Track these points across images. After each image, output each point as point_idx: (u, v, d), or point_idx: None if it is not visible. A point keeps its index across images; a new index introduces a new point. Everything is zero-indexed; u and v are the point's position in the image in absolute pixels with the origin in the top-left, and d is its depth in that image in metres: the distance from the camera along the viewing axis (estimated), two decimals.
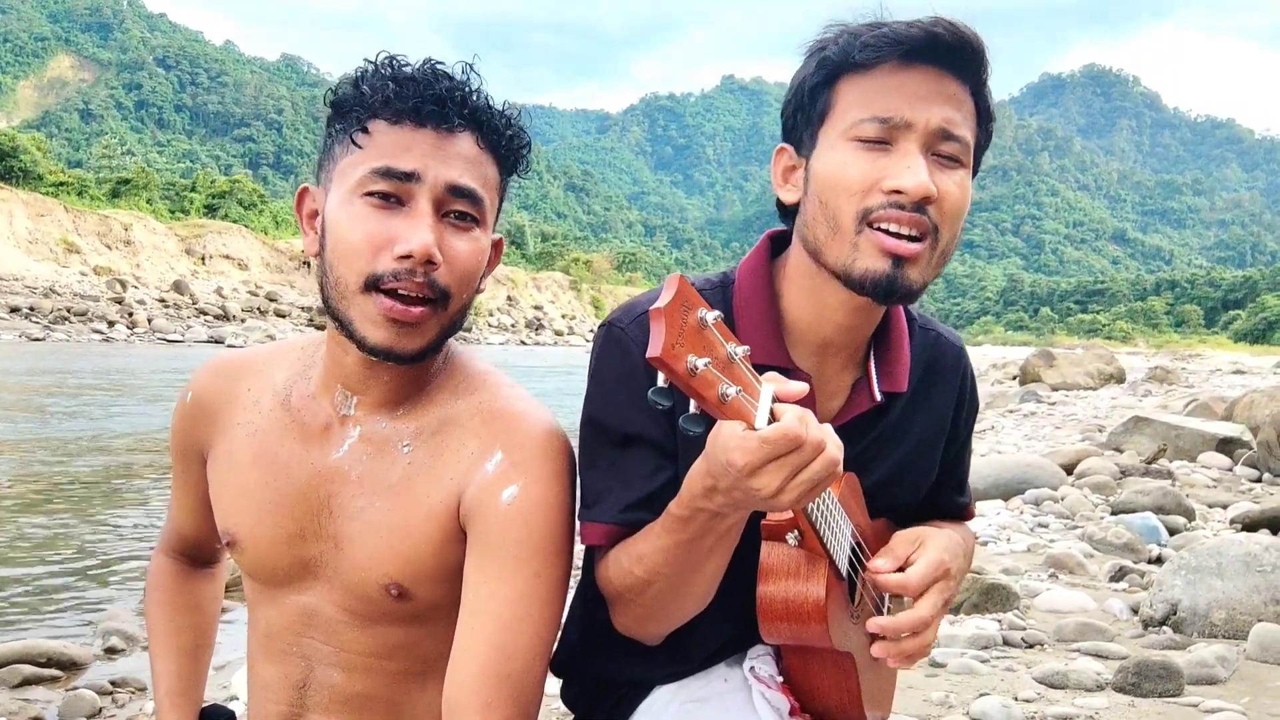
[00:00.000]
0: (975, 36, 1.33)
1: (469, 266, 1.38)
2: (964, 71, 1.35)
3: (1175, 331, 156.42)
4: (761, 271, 1.46)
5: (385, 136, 1.34)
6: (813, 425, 1.09)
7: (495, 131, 1.40)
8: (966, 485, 1.71)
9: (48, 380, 19.68)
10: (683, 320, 1.00)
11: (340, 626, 1.48)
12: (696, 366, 1.00)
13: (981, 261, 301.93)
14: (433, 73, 1.36)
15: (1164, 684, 3.40)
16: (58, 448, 10.72)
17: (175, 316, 49.67)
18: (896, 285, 1.32)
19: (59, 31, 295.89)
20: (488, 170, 1.40)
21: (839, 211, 1.33)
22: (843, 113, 1.34)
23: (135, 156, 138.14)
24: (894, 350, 1.49)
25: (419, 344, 1.36)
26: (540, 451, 1.41)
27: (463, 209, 1.36)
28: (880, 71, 1.32)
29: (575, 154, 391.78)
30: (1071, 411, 16.42)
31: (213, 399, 1.57)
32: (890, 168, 1.31)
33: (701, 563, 1.29)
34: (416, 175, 1.33)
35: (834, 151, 1.34)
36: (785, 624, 1.32)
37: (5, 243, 52.67)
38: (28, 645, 4.11)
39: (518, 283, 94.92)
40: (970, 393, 1.63)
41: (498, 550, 1.38)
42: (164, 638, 1.70)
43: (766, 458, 1.08)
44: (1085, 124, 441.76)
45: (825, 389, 1.47)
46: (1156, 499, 6.50)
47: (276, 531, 1.48)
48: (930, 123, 1.32)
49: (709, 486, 1.16)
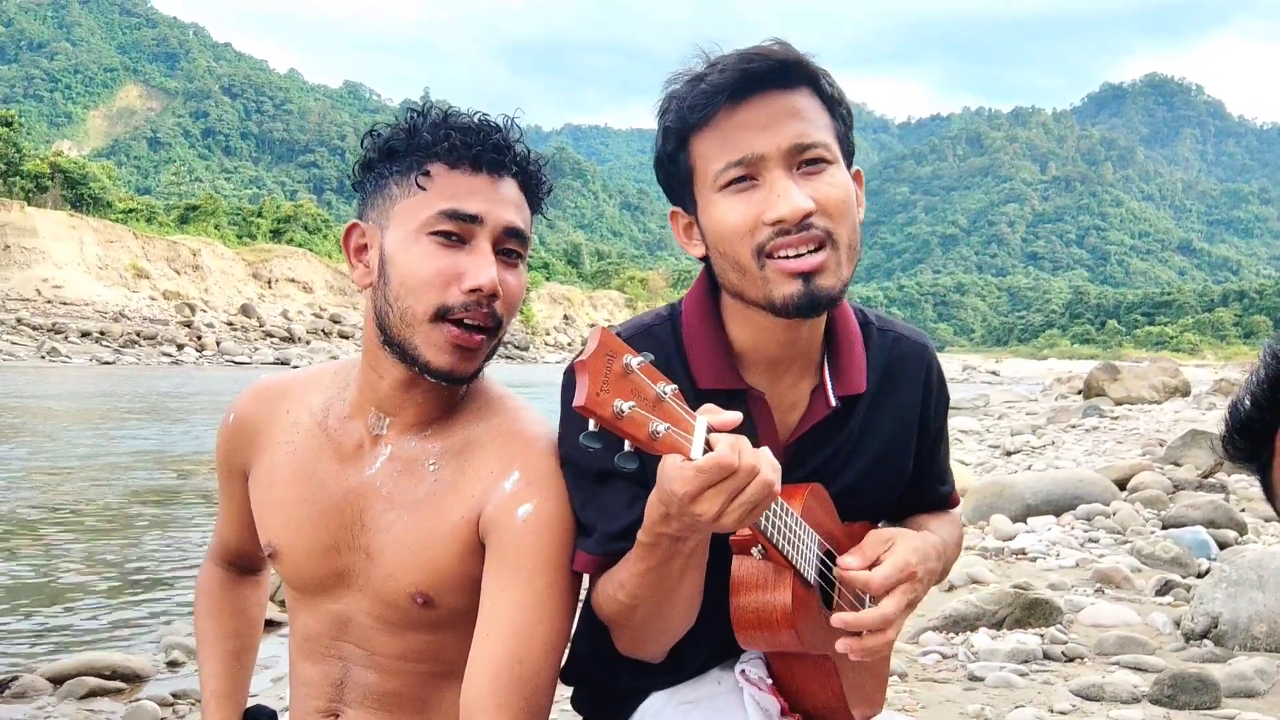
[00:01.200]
0: (783, 50, 1.40)
1: (518, 297, 1.53)
2: (792, 82, 1.41)
3: (1244, 343, 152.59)
4: (705, 302, 1.54)
5: (446, 180, 1.48)
6: (746, 452, 1.18)
7: (533, 178, 1.55)
8: (947, 474, 1.76)
9: (117, 402, 20.19)
10: (606, 368, 1.11)
11: (371, 632, 1.59)
12: (623, 410, 1.11)
13: (1046, 274, 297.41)
14: (487, 124, 1.52)
15: (1200, 696, 3.40)
16: (125, 467, 11.04)
17: (242, 339, 50.76)
18: (816, 298, 1.39)
19: (127, 62, 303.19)
20: (526, 212, 1.55)
21: (738, 255, 1.40)
22: (704, 170, 1.42)
23: (203, 183, 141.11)
24: (845, 354, 1.55)
25: (475, 366, 1.52)
26: (554, 471, 1.53)
27: (513, 247, 1.52)
28: (719, 120, 1.39)
29: (630, 173, 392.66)
30: (1134, 426, 16.16)
31: (254, 420, 1.69)
32: (764, 202, 1.38)
33: (676, 583, 1.39)
34: (480, 218, 1.47)
35: (712, 206, 1.42)
36: (759, 632, 1.41)
37: (76, 269, 54.13)
38: (93, 658, 4.29)
39: (574, 302, 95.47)
40: (938, 386, 1.68)
41: (513, 563, 1.49)
42: (211, 642, 1.82)
43: (703, 485, 1.18)
44: (1148, 133, 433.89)
45: (783, 403, 1.54)
46: (1207, 513, 6.42)
47: (313, 544, 1.59)
48: (781, 146, 1.38)
49: (663, 514, 1.26)
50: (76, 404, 20.07)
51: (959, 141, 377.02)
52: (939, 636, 4.33)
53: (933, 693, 3.71)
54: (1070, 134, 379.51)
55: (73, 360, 37.73)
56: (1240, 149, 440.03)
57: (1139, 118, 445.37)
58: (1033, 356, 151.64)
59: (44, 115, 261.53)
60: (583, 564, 1.50)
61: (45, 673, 4.17)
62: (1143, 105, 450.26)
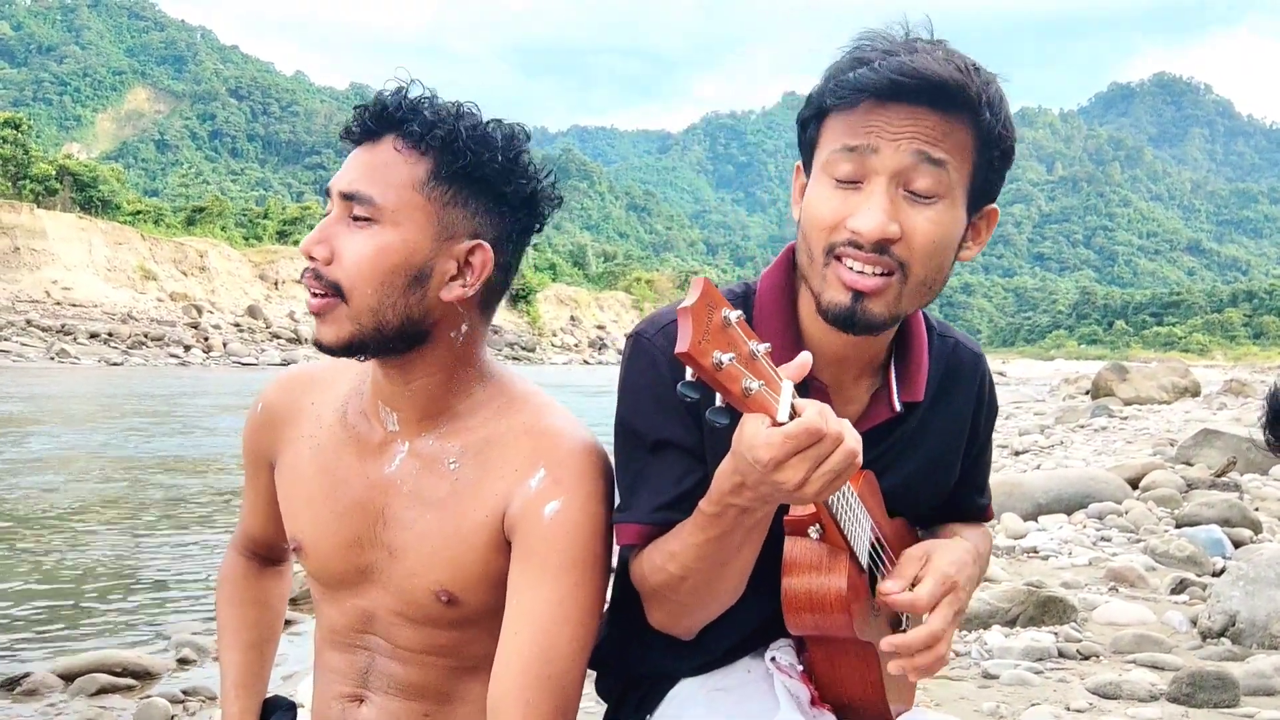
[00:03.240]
0: (945, 70, 1.32)
1: (354, 262, 1.47)
2: (944, 106, 1.33)
3: (1254, 343, 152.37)
4: (783, 283, 1.51)
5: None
6: (832, 419, 1.15)
7: (424, 129, 1.50)
8: (986, 487, 1.74)
9: (125, 403, 20.24)
10: (708, 318, 1.07)
11: (395, 627, 1.58)
12: (722, 361, 1.07)
13: (1053, 275, 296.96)
14: (380, 97, 1.50)
15: (1219, 694, 3.37)
16: (135, 466, 11.05)
17: (249, 340, 50.81)
18: (856, 318, 1.36)
19: (135, 65, 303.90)
20: (389, 170, 1.49)
21: (813, 243, 1.39)
22: (824, 145, 1.39)
23: (210, 185, 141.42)
24: (915, 361, 1.54)
25: (329, 333, 1.51)
26: (581, 469, 1.50)
27: (357, 213, 1.48)
28: (856, 111, 1.35)
29: (637, 174, 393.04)
30: (1143, 426, 16.10)
31: (280, 410, 1.68)
32: (855, 206, 1.34)
33: (732, 557, 1.35)
34: (329, 191, 1.51)
35: (815, 184, 1.40)
36: (810, 615, 1.38)
37: (85, 270, 54.28)
38: (104, 655, 4.28)
39: (581, 303, 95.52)
40: (989, 397, 1.67)
41: (540, 561, 1.47)
42: (232, 631, 1.81)
43: (790, 451, 1.14)
44: (1156, 133, 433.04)
45: (842, 397, 1.51)
46: (1222, 512, 6.39)
47: (337, 539, 1.58)
48: (893, 163, 1.33)
49: (737, 483, 1.22)
50: (86, 405, 20.11)
51: None
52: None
53: (947, 690, 3.69)
54: (1077, 134, 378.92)
55: (81, 361, 37.80)
56: (1249, 148, 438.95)
57: (1147, 117, 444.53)
58: (1040, 357, 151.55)
59: (53, 118, 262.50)
60: (629, 535, 1.47)
61: (56, 669, 4.16)
62: (1151, 105, 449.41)
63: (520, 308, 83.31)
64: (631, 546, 1.49)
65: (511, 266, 1.55)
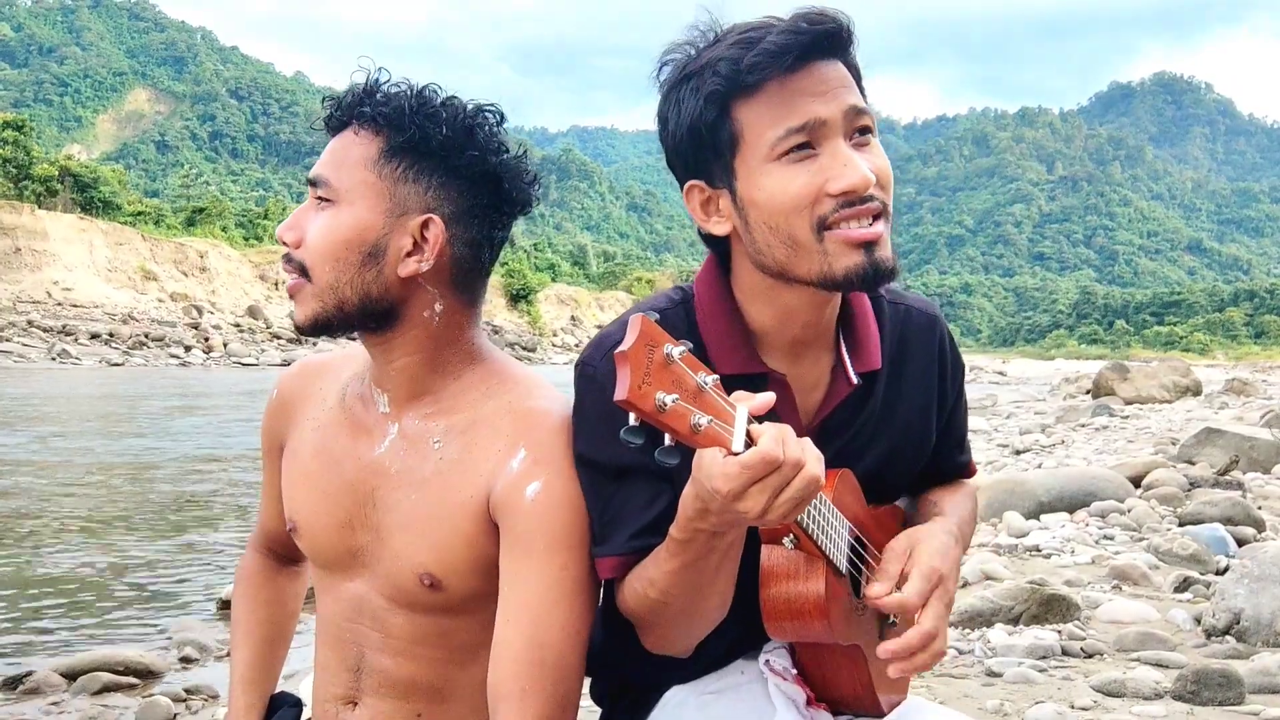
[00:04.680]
0: (836, 13, 1.34)
1: (318, 242, 1.51)
2: (840, 49, 1.36)
3: (1255, 343, 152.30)
4: (718, 286, 1.48)
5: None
6: (790, 444, 1.13)
7: (381, 116, 1.51)
8: (965, 442, 1.72)
9: (126, 404, 20.24)
10: (648, 358, 1.04)
11: (384, 614, 1.57)
12: (665, 403, 1.04)
13: (1053, 274, 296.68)
14: (354, 89, 1.53)
15: (1224, 692, 3.36)
16: (137, 467, 11.05)
17: (250, 340, 50.82)
18: (880, 269, 1.34)
19: (136, 66, 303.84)
20: (360, 149, 1.51)
21: (794, 230, 1.34)
22: (755, 139, 1.34)
23: (210, 186, 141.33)
24: (861, 329, 1.51)
25: (302, 315, 1.54)
26: (562, 447, 1.47)
27: (319, 194, 1.55)
28: (772, 86, 1.32)
29: (637, 174, 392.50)
30: (1145, 425, 16.07)
31: (292, 396, 1.70)
32: (826, 171, 1.32)
33: (711, 577, 1.33)
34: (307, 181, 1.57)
35: (763, 177, 1.34)
36: (789, 623, 1.37)
37: (86, 271, 54.29)
38: (107, 654, 4.28)
39: (581, 303, 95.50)
40: (951, 355, 1.64)
41: (525, 544, 1.45)
42: (244, 628, 1.81)
43: (748, 482, 1.11)
44: (1157, 132, 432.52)
45: (804, 383, 1.49)
46: (1225, 510, 6.38)
47: (330, 520, 1.59)
48: (842, 111, 1.33)
49: (700, 509, 1.20)
50: (87, 405, 20.11)
51: (965, 142, 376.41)
52: (955, 632, 4.29)
53: (950, 688, 3.68)
54: (1078, 134, 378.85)
55: (82, 362, 37.82)
56: (1250, 147, 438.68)
57: (1148, 117, 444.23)
58: (1040, 357, 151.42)
59: (54, 119, 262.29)
60: (607, 569, 1.44)
61: (59, 668, 4.16)
62: (1151, 104, 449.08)
63: (521, 308, 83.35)
64: (613, 580, 1.46)
65: (481, 244, 1.52)
